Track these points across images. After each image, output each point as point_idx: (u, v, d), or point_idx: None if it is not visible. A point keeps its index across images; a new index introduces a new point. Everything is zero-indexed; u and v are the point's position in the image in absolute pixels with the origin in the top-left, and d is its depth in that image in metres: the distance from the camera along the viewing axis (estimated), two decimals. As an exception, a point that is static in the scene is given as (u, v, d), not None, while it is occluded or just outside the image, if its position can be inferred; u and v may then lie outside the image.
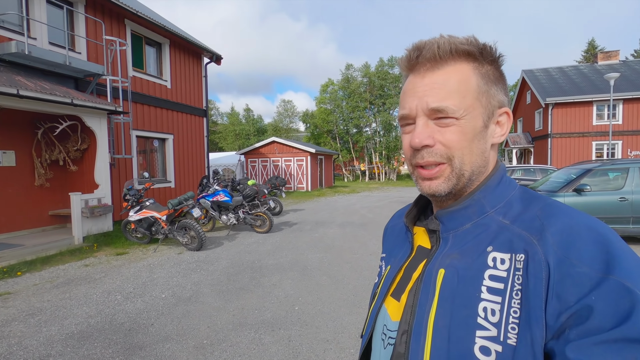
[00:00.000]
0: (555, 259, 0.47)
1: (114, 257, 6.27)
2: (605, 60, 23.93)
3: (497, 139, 0.60)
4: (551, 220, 0.51)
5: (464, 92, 0.56)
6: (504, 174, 0.62)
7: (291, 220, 10.11)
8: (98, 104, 7.03)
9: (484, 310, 0.50)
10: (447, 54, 0.56)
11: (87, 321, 3.63)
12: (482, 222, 0.57)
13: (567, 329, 0.44)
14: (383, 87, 32.19)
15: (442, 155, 0.56)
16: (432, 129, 0.56)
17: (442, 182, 0.57)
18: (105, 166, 7.42)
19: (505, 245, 0.53)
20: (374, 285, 0.73)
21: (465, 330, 0.50)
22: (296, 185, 20.72)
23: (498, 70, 0.59)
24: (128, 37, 9.42)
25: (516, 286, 0.49)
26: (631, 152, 20.05)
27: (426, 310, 0.55)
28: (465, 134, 0.56)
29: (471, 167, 0.57)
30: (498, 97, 0.59)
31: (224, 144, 44.91)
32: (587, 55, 37.96)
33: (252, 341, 3.16)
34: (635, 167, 6.34)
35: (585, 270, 0.45)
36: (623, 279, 0.44)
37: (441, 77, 0.56)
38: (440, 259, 0.57)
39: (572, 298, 0.45)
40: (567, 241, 0.48)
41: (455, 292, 0.53)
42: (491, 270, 0.52)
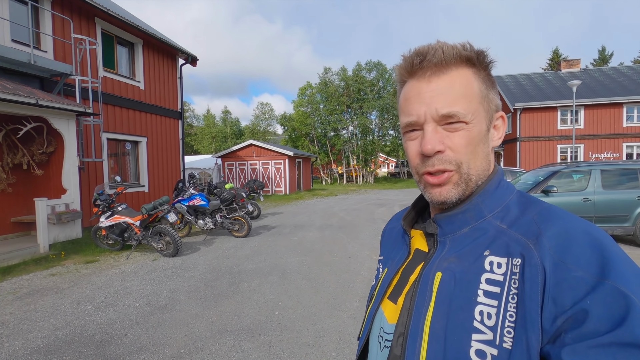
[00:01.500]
0: (552, 263, 0.47)
1: (83, 265, 5.99)
2: (568, 68, 25.31)
3: (495, 142, 0.61)
4: (547, 225, 0.51)
5: (470, 96, 0.56)
6: (502, 177, 0.61)
7: (270, 223, 10.02)
8: (66, 105, 6.72)
9: (480, 314, 0.50)
10: (451, 59, 0.56)
11: (54, 334, 3.44)
12: (480, 226, 0.57)
13: (562, 333, 0.44)
14: (360, 91, 32.59)
15: (452, 161, 0.56)
16: (441, 135, 0.56)
17: (452, 188, 0.57)
18: (73, 170, 7.09)
19: (502, 250, 0.53)
20: (372, 287, 0.72)
21: (461, 333, 0.50)
22: (274, 189, 20.58)
23: (491, 75, 0.60)
24: (98, 36, 9.08)
25: (512, 290, 0.49)
26: (592, 155, 21.26)
27: (423, 313, 0.54)
28: (472, 138, 0.56)
29: (477, 172, 0.58)
30: (495, 101, 0.60)
31: (200, 146, 44.00)
32: (552, 63, 40.03)
33: (231, 348, 3.10)
34: (597, 170, 6.72)
35: (580, 274, 0.45)
36: (618, 283, 0.44)
37: (447, 82, 0.56)
38: (437, 262, 0.57)
39: (568, 302, 0.45)
40: (563, 245, 0.48)
41: (452, 295, 0.53)
42: (488, 274, 0.52)
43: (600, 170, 6.69)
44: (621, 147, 20.98)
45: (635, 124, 20.76)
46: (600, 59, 40.53)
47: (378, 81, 32.93)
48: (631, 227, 6.45)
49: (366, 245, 7.05)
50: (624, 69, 24.32)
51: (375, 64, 33.02)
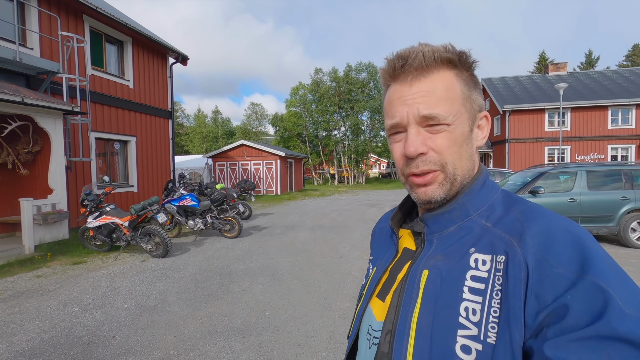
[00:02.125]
0: (534, 260, 0.49)
1: (70, 266, 5.88)
2: (555, 71, 25.79)
3: (479, 142, 0.62)
4: (530, 223, 0.53)
5: (452, 98, 0.57)
6: (487, 177, 0.63)
7: (261, 224, 9.98)
8: (52, 103, 6.60)
9: (466, 310, 0.51)
10: (432, 62, 0.57)
11: (39, 336, 3.37)
12: (466, 225, 0.58)
13: (544, 327, 0.46)
14: (351, 92, 32.69)
15: (436, 162, 0.57)
16: (424, 136, 0.57)
17: (437, 188, 0.58)
18: (60, 170, 6.96)
19: (487, 247, 0.54)
20: (361, 286, 0.73)
21: (447, 329, 0.51)
22: (265, 189, 20.51)
23: (474, 75, 0.60)
24: (87, 34, 8.94)
25: (496, 286, 0.51)
26: (578, 157, 21.70)
27: (410, 310, 0.55)
28: (455, 140, 0.57)
29: (462, 171, 0.59)
30: (478, 101, 0.60)
31: (191, 146, 43.60)
32: (539, 66, 40.75)
33: (221, 349, 3.08)
34: (582, 171, 6.87)
35: (561, 270, 0.47)
36: (597, 278, 0.45)
37: (428, 84, 0.57)
38: (424, 260, 0.58)
39: (549, 297, 0.46)
40: (545, 243, 0.50)
41: (438, 293, 0.54)
42: (473, 271, 0.53)
43: (586, 172, 6.84)
44: (606, 149, 21.46)
45: (619, 126, 21.26)
46: (587, 63, 41.40)
47: (369, 82, 33.07)
48: (615, 227, 6.60)
49: (357, 246, 7.08)
50: (610, 73, 24.88)
51: (366, 65, 33.17)
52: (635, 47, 40.20)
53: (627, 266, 5.39)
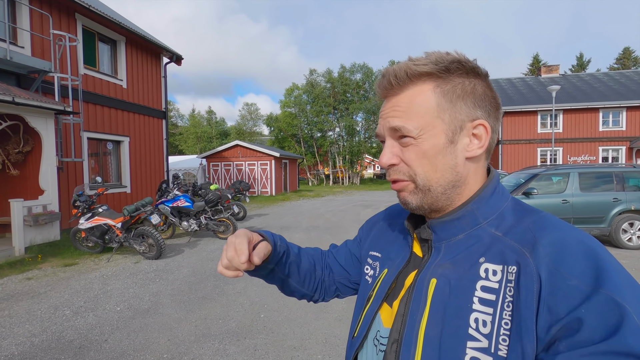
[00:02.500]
0: (547, 272, 0.47)
1: (61, 268, 5.80)
2: (547, 74, 26.09)
3: (472, 152, 0.59)
4: (543, 233, 0.52)
5: (422, 112, 0.57)
6: (498, 184, 0.61)
7: (255, 225, 9.94)
8: (43, 102, 6.51)
9: (475, 321, 0.50)
10: (404, 79, 0.58)
11: (30, 340, 3.31)
12: (475, 233, 0.57)
13: (557, 341, 0.45)
14: (346, 93, 32.76)
15: (405, 173, 0.59)
16: (397, 149, 0.60)
17: (408, 195, 0.60)
18: (51, 170, 6.87)
19: (497, 257, 0.53)
20: (365, 284, 0.72)
21: (456, 340, 0.51)
22: (260, 190, 20.45)
23: (471, 84, 0.58)
24: (79, 33, 8.84)
25: (508, 298, 0.49)
26: (570, 158, 21.96)
27: (417, 320, 0.55)
28: (423, 153, 0.57)
29: (438, 182, 0.58)
30: (466, 111, 0.58)
31: (185, 146, 43.34)
32: (532, 68, 41.20)
33: (216, 352, 3.05)
34: (575, 172, 6.94)
35: (575, 283, 0.46)
36: (612, 292, 0.44)
37: (402, 99, 0.58)
38: (432, 268, 0.58)
39: (562, 310, 0.45)
40: (559, 254, 0.48)
41: (447, 302, 0.53)
42: (483, 281, 0.52)
43: (578, 173, 6.91)
44: (597, 151, 21.75)
45: (610, 128, 21.56)
46: (578, 65, 41.96)
47: (364, 83, 33.16)
48: (607, 228, 6.68)
49: (352, 247, 7.07)
50: (600, 76, 25.23)
51: (361, 66, 33.26)
52: (626, 50, 40.85)
53: (618, 267, 5.46)
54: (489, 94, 0.60)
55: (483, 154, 0.60)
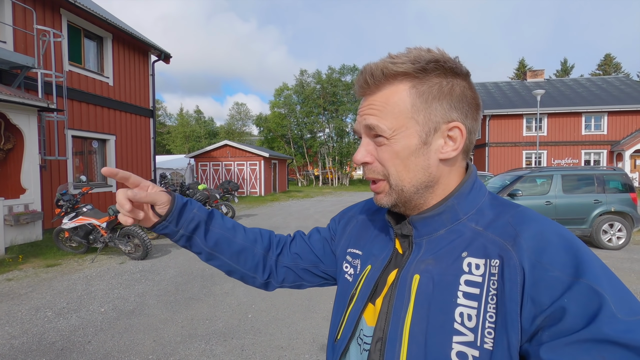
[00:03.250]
0: (529, 264, 0.48)
1: (43, 269, 5.66)
2: (533, 78, 26.67)
3: (446, 154, 0.58)
4: (524, 227, 0.53)
5: (397, 112, 0.56)
6: (476, 179, 0.61)
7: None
8: (26, 99, 6.35)
9: (461, 316, 0.51)
10: (380, 78, 0.57)
11: (9, 342, 3.22)
12: (456, 228, 0.58)
13: (540, 331, 0.46)
14: (335, 94, 32.86)
15: (379, 172, 0.59)
16: (372, 147, 0.60)
17: (384, 197, 0.60)
18: (34, 168, 6.70)
19: (479, 251, 0.54)
20: (346, 282, 0.69)
21: (441, 336, 0.51)
22: (249, 190, 20.33)
23: (449, 84, 0.57)
24: (64, 29, 8.65)
25: (492, 291, 0.50)
26: (554, 161, 22.49)
27: (401, 317, 0.54)
28: (396, 153, 0.57)
29: (411, 183, 0.58)
30: (441, 112, 0.57)
31: (172, 146, 42.78)
32: (518, 72, 42.04)
33: (202, 353, 3.02)
34: (558, 174, 7.12)
35: (557, 274, 0.47)
36: (591, 281, 0.46)
37: (377, 98, 0.58)
38: (414, 264, 0.58)
39: (546, 301, 0.46)
40: (540, 246, 0.50)
41: (431, 298, 0.53)
42: (467, 275, 0.53)
43: (561, 175, 7.08)
44: (580, 154, 22.32)
45: (592, 132, 22.16)
46: (562, 70, 43.00)
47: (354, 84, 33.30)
48: (588, 229, 6.86)
49: (341, 247, 7.09)
50: (583, 81, 25.91)
51: (350, 67, 33.40)
52: (607, 56, 42.05)
53: (598, 267, 5.61)
54: (468, 94, 0.58)
55: (459, 155, 0.59)
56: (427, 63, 0.56)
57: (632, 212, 6.79)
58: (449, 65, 0.57)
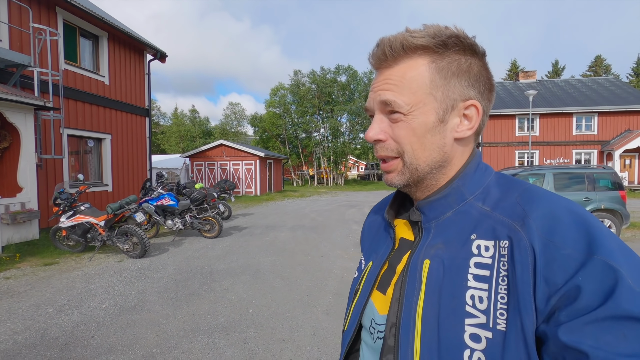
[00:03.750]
0: (540, 244, 0.48)
1: (41, 267, 5.66)
2: (525, 79, 27.01)
3: (461, 134, 0.58)
4: (532, 206, 0.52)
5: (415, 88, 0.55)
6: (480, 160, 0.62)
7: (241, 224, 9.91)
8: (22, 97, 6.33)
9: (472, 298, 0.50)
10: (399, 51, 0.56)
11: (12, 338, 3.25)
12: (463, 209, 0.57)
13: (557, 311, 0.45)
14: (331, 94, 32.94)
15: (393, 150, 0.58)
16: (385, 124, 0.58)
17: (396, 176, 0.59)
18: (30, 167, 6.68)
19: (488, 233, 0.53)
20: (354, 280, 0.71)
21: (454, 319, 0.50)
22: (245, 190, 20.33)
23: (467, 62, 0.57)
24: (60, 27, 8.62)
25: (502, 272, 0.50)
26: (546, 161, 22.82)
27: (414, 302, 0.54)
28: (413, 130, 0.56)
29: (426, 162, 0.57)
30: (460, 89, 0.56)
31: (167, 145, 42.55)
32: (511, 73, 42.52)
33: (205, 346, 3.08)
34: (550, 173, 7.28)
35: (569, 252, 0.46)
36: (606, 257, 0.44)
37: (394, 73, 0.56)
38: (424, 249, 0.57)
39: (560, 280, 0.45)
40: (550, 225, 0.49)
41: (442, 282, 0.53)
42: (476, 257, 0.52)
43: (553, 174, 7.25)
44: (571, 154, 22.69)
45: (583, 132, 22.52)
46: (553, 72, 43.59)
47: (349, 85, 33.41)
48: (579, 226, 7.03)
49: (338, 245, 7.18)
50: (574, 82, 26.32)
51: (345, 68, 33.51)
52: (597, 58, 42.72)
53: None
54: (484, 74, 0.58)
55: (472, 136, 0.59)
56: (447, 38, 0.55)
57: (621, 210, 6.98)
58: (468, 42, 0.56)
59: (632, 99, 22.26)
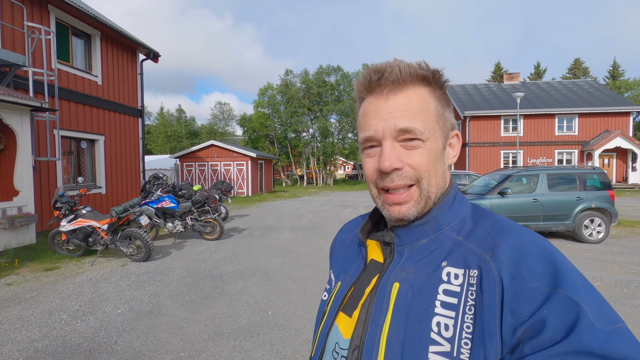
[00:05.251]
0: (509, 275, 0.48)
1: (42, 273, 5.53)
2: (509, 81, 27.78)
3: (450, 160, 0.61)
4: (502, 237, 0.53)
5: (427, 114, 0.56)
6: (458, 191, 0.63)
7: (239, 226, 9.88)
8: (19, 98, 6.16)
9: (438, 325, 0.50)
10: (407, 78, 0.56)
11: (32, 346, 3.20)
12: (438, 238, 0.57)
13: (521, 343, 0.45)
14: (321, 94, 33.03)
15: (411, 177, 0.56)
16: (399, 152, 0.56)
17: (412, 206, 0.57)
18: (27, 170, 6.51)
19: (459, 261, 0.53)
20: (322, 302, 0.68)
21: (418, 345, 0.50)
22: (236, 190, 20.19)
23: (446, 94, 0.61)
24: (52, 25, 8.39)
25: (469, 301, 0.50)
26: (530, 160, 23.54)
27: (379, 325, 0.53)
28: (430, 156, 0.56)
29: (435, 189, 0.58)
30: (450, 119, 0.61)
31: (154, 146, 41.75)
32: (495, 75, 43.57)
33: (233, 349, 3.11)
34: (544, 174, 7.56)
35: (536, 285, 0.47)
36: (569, 292, 0.46)
37: (404, 99, 0.56)
38: (395, 272, 0.57)
39: (526, 312, 0.46)
40: (518, 257, 0.49)
41: (410, 307, 0.53)
42: (445, 284, 0.52)
43: (547, 174, 7.53)
44: (553, 154, 23.48)
45: (565, 133, 23.35)
46: (535, 74, 44.91)
47: (339, 85, 33.57)
48: (571, 225, 7.33)
49: (341, 246, 7.25)
50: (556, 84, 27.22)
51: (334, 68, 33.65)
52: (577, 61, 44.27)
53: (582, 259, 6.04)
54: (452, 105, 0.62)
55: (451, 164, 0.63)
56: (435, 72, 0.58)
57: (610, 208, 7.31)
58: (445, 77, 0.60)
59: (609, 101, 23.22)
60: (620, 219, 9.22)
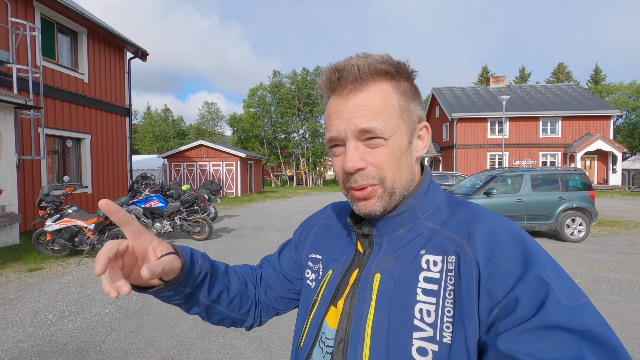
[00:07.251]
0: (484, 259, 0.51)
1: (27, 273, 5.42)
2: (495, 84, 28.34)
3: (420, 152, 0.62)
4: (477, 224, 0.55)
5: (389, 112, 0.56)
6: (431, 180, 0.64)
7: (228, 226, 9.85)
8: (3, 96, 6.04)
9: (420, 312, 0.52)
10: (367, 75, 0.55)
11: (17, 346, 3.16)
12: (415, 227, 0.59)
13: (496, 322, 0.48)
14: (310, 95, 33.10)
15: (375, 176, 0.56)
16: (362, 151, 0.56)
17: (376, 202, 0.57)
18: (11, 169, 6.38)
19: (437, 248, 0.55)
20: (306, 289, 0.69)
21: (403, 333, 0.52)
22: (225, 191, 20.07)
23: (413, 86, 0.60)
24: (37, 22, 8.23)
25: (449, 286, 0.52)
26: (515, 162, 24.06)
27: (363, 317, 0.55)
28: (393, 154, 0.56)
29: (401, 184, 0.58)
30: (417, 112, 0.60)
31: (141, 145, 41.14)
32: (482, 78, 44.37)
33: (223, 346, 3.13)
34: (528, 174, 7.77)
35: (509, 266, 0.49)
36: (539, 271, 0.48)
37: (365, 98, 0.55)
38: (375, 263, 0.58)
39: (500, 292, 0.48)
40: (492, 241, 0.52)
41: (392, 296, 0.54)
42: (425, 272, 0.54)
43: (530, 175, 7.74)
44: (538, 156, 24.06)
45: (548, 135, 23.95)
46: (520, 77, 45.90)
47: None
48: (554, 224, 7.55)
49: (330, 245, 7.31)
50: (540, 87, 27.90)
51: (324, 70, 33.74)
52: (560, 65, 45.42)
53: (564, 257, 6.23)
54: (421, 97, 0.62)
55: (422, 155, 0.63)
56: (398, 64, 0.57)
57: (590, 208, 7.56)
58: (411, 69, 0.59)
59: (591, 105, 23.92)
60: (600, 219, 9.53)
